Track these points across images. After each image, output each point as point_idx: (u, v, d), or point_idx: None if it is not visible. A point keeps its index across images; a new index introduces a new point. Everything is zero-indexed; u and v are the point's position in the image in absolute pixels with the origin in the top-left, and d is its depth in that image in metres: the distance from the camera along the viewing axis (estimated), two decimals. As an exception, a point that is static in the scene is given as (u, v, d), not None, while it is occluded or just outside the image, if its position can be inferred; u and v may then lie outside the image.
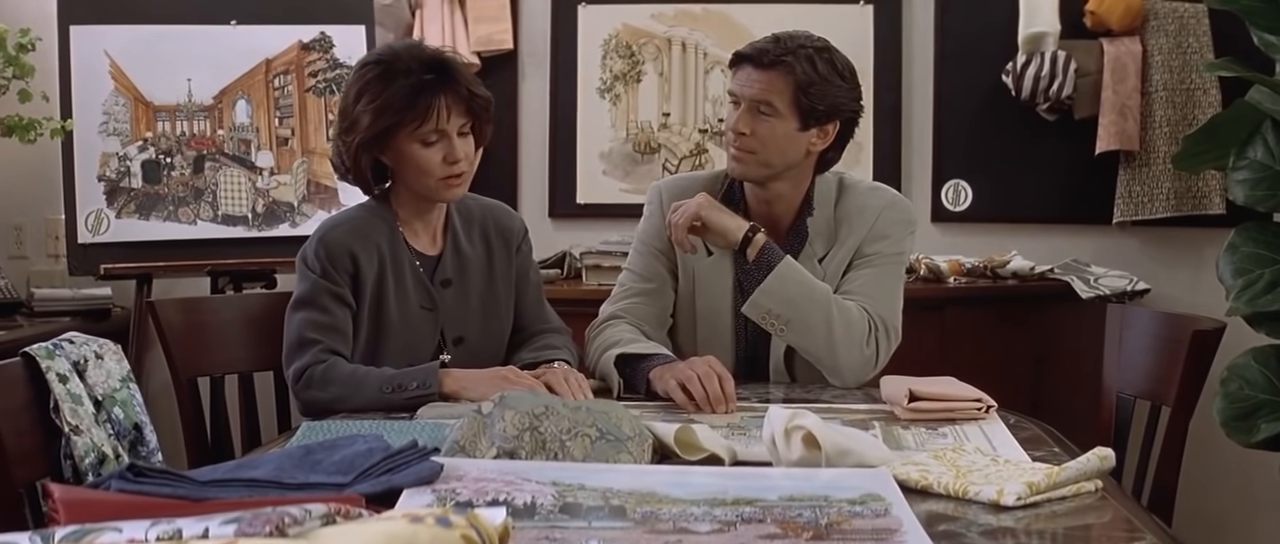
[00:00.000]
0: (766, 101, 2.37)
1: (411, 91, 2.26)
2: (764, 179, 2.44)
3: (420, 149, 2.29)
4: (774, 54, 2.36)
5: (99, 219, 3.56)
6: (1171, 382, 2.27)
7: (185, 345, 2.59)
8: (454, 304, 2.42)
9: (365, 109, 2.28)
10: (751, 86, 2.38)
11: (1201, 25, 3.80)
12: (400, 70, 2.28)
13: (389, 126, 2.28)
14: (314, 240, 2.36)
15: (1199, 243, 3.85)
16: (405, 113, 2.26)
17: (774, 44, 2.38)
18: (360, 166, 2.34)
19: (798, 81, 2.36)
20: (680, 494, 1.48)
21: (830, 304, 2.35)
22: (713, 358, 2.22)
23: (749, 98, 2.38)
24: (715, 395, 2.12)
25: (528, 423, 1.69)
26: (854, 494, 1.49)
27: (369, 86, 2.29)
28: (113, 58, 3.58)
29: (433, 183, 2.32)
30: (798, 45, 2.38)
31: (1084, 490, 1.62)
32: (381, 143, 2.30)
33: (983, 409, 2.07)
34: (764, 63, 2.37)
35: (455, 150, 2.30)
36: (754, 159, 2.40)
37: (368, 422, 2.04)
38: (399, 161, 2.33)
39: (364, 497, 1.45)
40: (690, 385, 2.14)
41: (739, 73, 2.41)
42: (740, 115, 2.39)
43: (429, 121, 2.27)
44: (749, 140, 2.39)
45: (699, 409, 2.12)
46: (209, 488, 1.50)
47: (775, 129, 2.38)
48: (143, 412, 2.01)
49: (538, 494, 1.46)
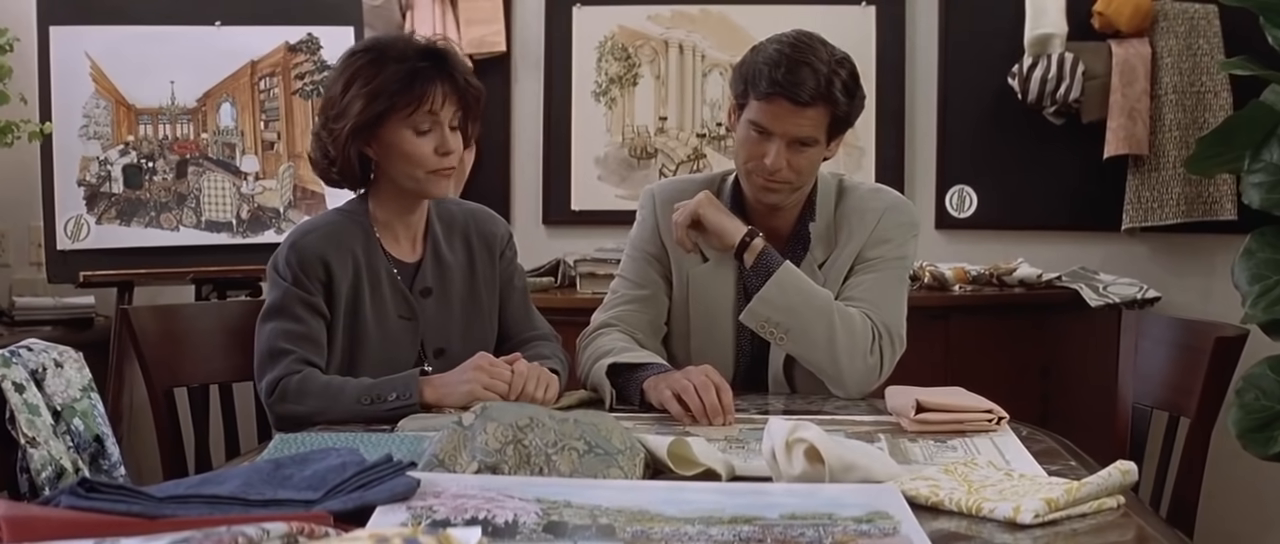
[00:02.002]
0: (811, 137, 2.28)
1: (407, 76, 2.20)
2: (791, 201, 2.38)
3: (412, 137, 2.22)
4: (812, 89, 2.22)
5: (79, 225, 3.51)
6: (1191, 392, 2.21)
7: (160, 355, 2.51)
8: (435, 314, 2.34)
9: (357, 94, 2.20)
10: (793, 124, 2.25)
11: (1212, 26, 3.77)
12: (393, 56, 2.22)
13: (381, 112, 2.20)
14: (284, 247, 2.28)
15: (1210, 250, 3.82)
16: (399, 97, 2.19)
17: (806, 74, 2.22)
18: (348, 158, 2.25)
19: (836, 114, 2.28)
20: (673, 512, 1.41)
21: (832, 312, 2.28)
22: (710, 367, 2.14)
23: (792, 136, 2.26)
24: (712, 407, 2.04)
25: (511, 435, 1.61)
26: (860, 511, 1.42)
27: (361, 72, 2.22)
28: (93, 59, 3.53)
29: (421, 175, 2.24)
30: (830, 71, 2.24)
31: (1105, 507, 1.54)
32: (370, 131, 2.23)
33: (994, 421, 2.00)
34: (802, 100, 2.23)
35: (447, 141, 2.23)
36: (789, 188, 2.34)
37: (344, 434, 1.95)
38: (386, 152, 2.25)
39: (332, 515, 1.37)
40: (686, 396, 2.06)
41: (770, 107, 2.25)
42: (775, 151, 2.26)
43: (424, 106, 2.20)
44: (787, 174, 2.30)
45: (695, 422, 2.04)
46: (166, 505, 1.41)
47: (813, 157, 2.31)
48: (104, 423, 1.93)
49: (520, 512, 1.39)
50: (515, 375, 2.15)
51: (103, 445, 1.93)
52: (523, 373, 2.16)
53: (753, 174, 2.32)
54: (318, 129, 2.30)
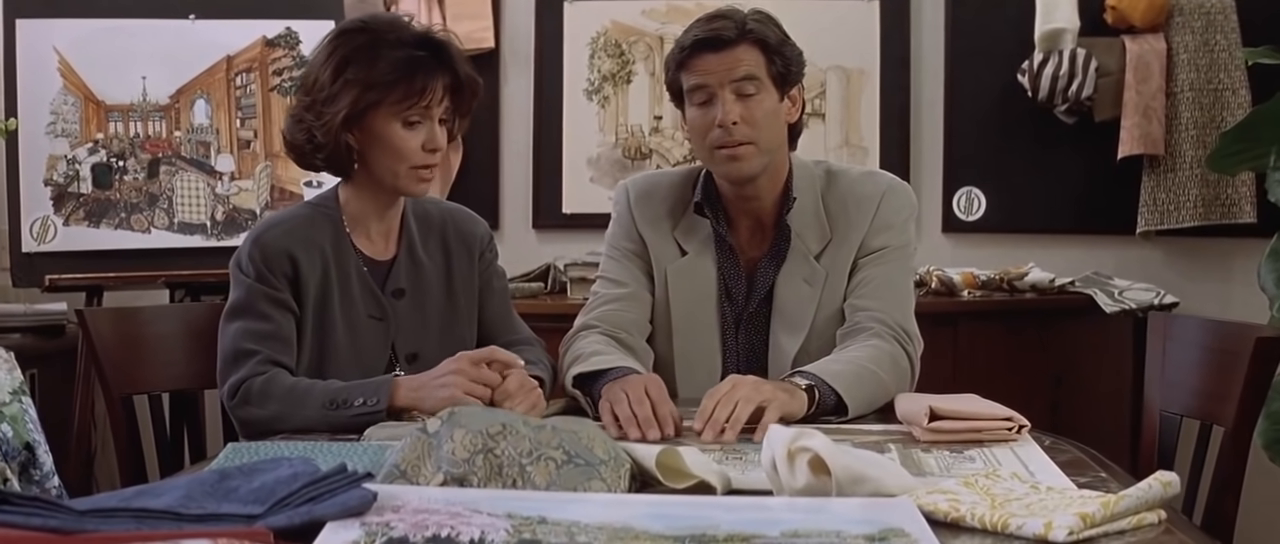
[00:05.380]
0: (748, 75, 2.23)
1: (406, 65, 2.11)
2: (763, 171, 2.29)
3: (400, 130, 2.13)
4: (734, 27, 2.23)
5: (45, 227, 3.46)
6: (1227, 398, 2.10)
7: (118, 359, 2.41)
8: (407, 316, 2.23)
9: (351, 79, 2.10)
10: (726, 67, 2.23)
11: (1229, 21, 3.73)
12: (390, 41, 2.12)
13: (375, 102, 2.11)
14: (247, 242, 2.17)
15: (1229, 254, 3.81)
16: (395, 88, 2.10)
17: (721, 21, 2.24)
18: (339, 145, 2.14)
19: (768, 45, 2.24)
20: (661, 529, 1.29)
21: (875, 370, 2.14)
22: (654, 377, 2.02)
23: (730, 80, 2.23)
24: (645, 419, 1.89)
25: (481, 444, 1.48)
26: (872, 528, 1.31)
27: (355, 56, 2.12)
28: (62, 53, 3.48)
29: (403, 171, 2.15)
30: (744, 14, 2.26)
31: (1146, 522, 1.41)
32: (359, 120, 2.13)
33: (1014, 429, 1.88)
34: (728, 40, 2.22)
35: (436, 137, 2.15)
36: (754, 150, 2.24)
37: (303, 443, 1.82)
38: (370, 142, 2.15)
39: (273, 532, 1.25)
40: (618, 407, 1.93)
41: (699, 63, 2.24)
42: (724, 105, 2.22)
43: (422, 99, 2.12)
44: (744, 129, 2.22)
45: (624, 436, 1.88)
46: (87, 519, 1.29)
47: (764, 105, 2.25)
48: (36, 429, 1.81)
49: (489, 529, 1.27)
50: (500, 389, 2.01)
51: (34, 454, 1.80)
52: (511, 392, 2.02)
53: (712, 146, 2.26)
54: (299, 111, 2.18)
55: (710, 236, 2.33)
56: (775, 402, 1.93)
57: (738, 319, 2.33)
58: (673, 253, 2.35)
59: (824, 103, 3.91)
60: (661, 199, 2.39)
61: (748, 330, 2.32)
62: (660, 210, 2.38)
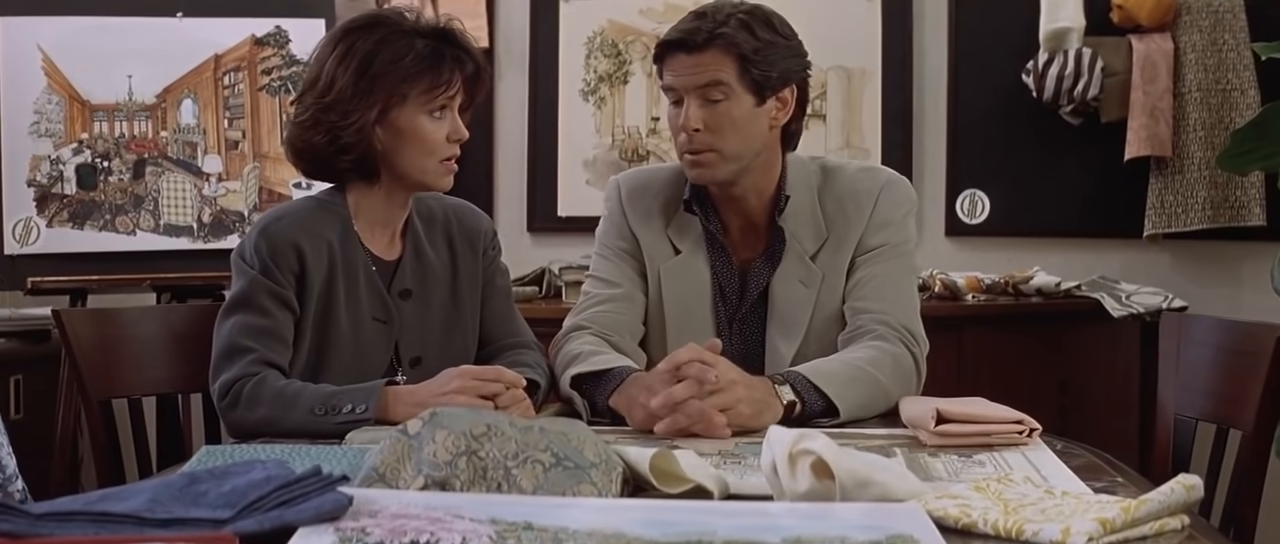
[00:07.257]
0: (714, 82, 2.16)
1: (431, 55, 2.07)
2: (734, 177, 2.23)
3: (427, 122, 2.08)
4: (706, 30, 2.16)
5: (28, 228, 3.41)
6: (1246, 401, 2.04)
7: (95, 362, 2.35)
8: (413, 318, 2.17)
9: (381, 72, 2.05)
10: (692, 72, 2.17)
11: (1238, 20, 3.74)
12: (404, 32, 2.08)
13: (403, 95, 2.06)
14: (253, 234, 2.10)
15: (1238, 257, 3.80)
16: (420, 79, 2.05)
17: (698, 22, 2.18)
18: (371, 144, 2.08)
19: (741, 51, 2.16)
20: (655, 535, 1.23)
21: (872, 372, 2.09)
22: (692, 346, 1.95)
23: (694, 85, 2.17)
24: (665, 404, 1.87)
25: (464, 446, 1.41)
26: (878, 535, 1.25)
27: (376, 52, 2.06)
28: (46, 52, 3.44)
29: (432, 165, 2.10)
30: (726, 15, 2.18)
31: (1168, 528, 1.36)
32: (382, 117, 2.08)
33: (1024, 433, 1.82)
34: (697, 44, 2.16)
35: (460, 127, 2.12)
36: (717, 157, 2.19)
37: (282, 446, 1.76)
38: (397, 140, 2.09)
39: (241, 537, 1.20)
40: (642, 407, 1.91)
41: (671, 64, 2.20)
42: (688, 110, 2.17)
43: (449, 89, 2.08)
44: (705, 136, 2.17)
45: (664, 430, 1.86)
46: (42, 523, 1.23)
47: (732, 111, 2.17)
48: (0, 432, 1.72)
49: (471, 535, 1.21)
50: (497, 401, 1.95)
51: (-4, 459, 1.72)
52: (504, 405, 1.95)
53: (681, 150, 2.23)
54: (314, 115, 2.10)
55: (702, 235, 2.29)
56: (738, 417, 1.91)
57: (732, 320, 2.28)
58: (666, 251, 2.30)
59: (825, 103, 3.88)
60: (654, 195, 2.33)
61: (742, 332, 2.26)
62: (653, 207, 2.32)
